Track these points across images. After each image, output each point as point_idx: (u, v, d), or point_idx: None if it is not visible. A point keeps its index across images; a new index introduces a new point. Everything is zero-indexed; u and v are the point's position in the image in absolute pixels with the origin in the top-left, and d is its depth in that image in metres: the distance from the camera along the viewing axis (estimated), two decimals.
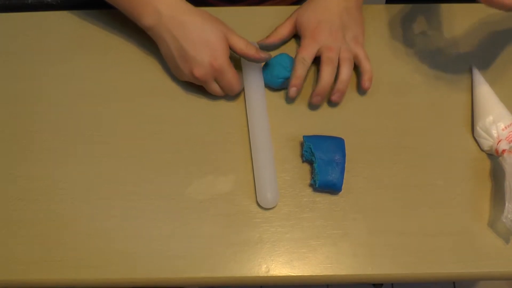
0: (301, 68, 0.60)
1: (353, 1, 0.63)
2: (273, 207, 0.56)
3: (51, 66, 0.65)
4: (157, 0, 0.57)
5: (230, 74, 0.58)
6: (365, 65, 0.62)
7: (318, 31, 0.60)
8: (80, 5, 0.70)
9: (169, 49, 0.58)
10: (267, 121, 0.60)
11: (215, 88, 0.60)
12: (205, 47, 0.56)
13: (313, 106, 0.62)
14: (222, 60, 0.57)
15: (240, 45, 0.58)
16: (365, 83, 0.62)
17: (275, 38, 0.65)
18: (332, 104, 0.62)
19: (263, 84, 0.62)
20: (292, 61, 0.62)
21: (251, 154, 0.59)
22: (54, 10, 0.70)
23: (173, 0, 0.57)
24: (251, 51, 0.58)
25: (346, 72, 0.60)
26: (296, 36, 0.66)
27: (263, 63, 0.63)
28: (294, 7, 0.67)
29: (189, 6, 0.58)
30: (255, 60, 0.59)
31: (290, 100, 0.62)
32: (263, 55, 0.59)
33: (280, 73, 0.61)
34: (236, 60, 0.63)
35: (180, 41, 0.56)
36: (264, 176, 0.56)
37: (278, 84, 0.62)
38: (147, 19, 0.58)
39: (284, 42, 0.66)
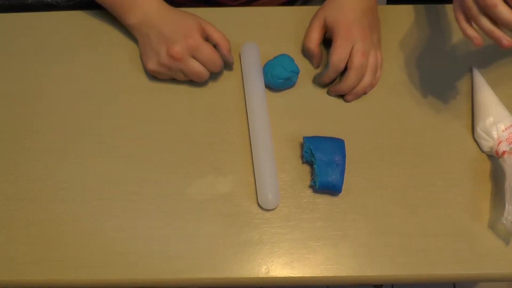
0: (335, 71, 0.60)
1: (374, 1, 0.63)
2: (274, 208, 0.56)
3: (51, 66, 0.65)
4: (143, 2, 0.61)
5: (207, 48, 0.59)
6: (378, 73, 0.64)
7: (351, 30, 0.60)
8: (80, 5, 0.70)
9: (149, 38, 0.60)
10: (268, 121, 0.60)
11: (195, 65, 0.59)
12: (180, 27, 0.59)
13: (313, 107, 0.62)
14: (197, 37, 0.59)
15: (216, 35, 0.61)
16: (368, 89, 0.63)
17: (316, 47, 0.64)
18: (332, 104, 0.62)
19: (264, 85, 0.62)
20: (293, 61, 0.62)
21: (251, 154, 0.59)
22: (54, 10, 0.70)
23: (155, 2, 0.61)
24: (226, 44, 0.61)
25: (368, 79, 0.62)
26: (296, 37, 0.66)
27: (264, 66, 0.63)
28: (290, 7, 0.67)
29: (171, 7, 0.62)
30: (224, 56, 0.61)
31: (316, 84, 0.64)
32: (230, 57, 0.62)
33: (281, 73, 0.61)
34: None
35: (158, 27, 0.60)
36: (265, 177, 0.56)
37: (278, 85, 0.62)
38: (132, 18, 0.62)
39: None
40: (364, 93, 0.63)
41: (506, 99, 0.61)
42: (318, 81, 0.63)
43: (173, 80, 0.63)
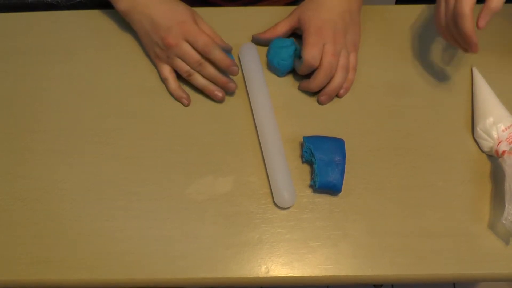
0: (309, 70, 0.61)
1: (355, 4, 0.63)
2: (290, 207, 0.56)
3: (52, 66, 0.65)
4: None
5: (199, 31, 0.58)
6: (350, 75, 0.63)
7: (322, 30, 0.60)
8: (80, 5, 0.70)
9: (142, 26, 0.61)
10: (275, 121, 0.60)
11: (187, 48, 0.58)
12: (174, 15, 0.59)
13: (313, 107, 0.62)
14: (190, 23, 0.59)
15: (208, 30, 0.62)
16: (341, 91, 0.63)
17: (271, 34, 0.65)
18: (332, 104, 0.62)
19: (266, 85, 0.62)
20: (284, 40, 0.63)
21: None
22: (54, 10, 0.70)
23: None
24: (217, 37, 0.62)
25: (339, 80, 0.61)
26: (296, 36, 0.67)
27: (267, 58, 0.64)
28: (290, 7, 0.67)
29: None
30: (220, 46, 0.60)
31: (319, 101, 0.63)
32: (227, 45, 0.62)
33: (288, 52, 0.62)
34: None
35: (152, 16, 0.59)
36: (279, 176, 0.56)
37: (287, 67, 0.63)
38: (122, 3, 0.61)
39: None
40: (338, 96, 0.63)
41: (506, 99, 0.61)
42: (302, 85, 0.63)
43: None
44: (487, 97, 0.61)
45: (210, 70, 0.60)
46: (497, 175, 0.58)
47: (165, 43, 0.58)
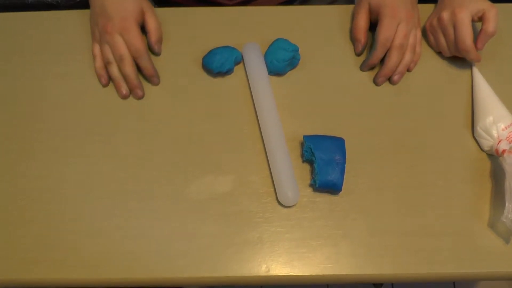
0: (383, 50, 0.62)
1: None
2: (293, 205, 0.56)
3: (52, 66, 0.65)
4: None
5: (134, 33, 0.61)
6: (418, 49, 0.65)
7: (397, 10, 0.62)
8: (80, 5, 0.70)
9: (94, 6, 0.64)
10: (279, 119, 0.60)
11: (119, 43, 0.61)
12: (120, 8, 0.61)
13: (313, 106, 0.62)
14: (130, 21, 0.61)
15: (151, 23, 0.64)
16: (411, 65, 0.65)
17: (363, 35, 0.65)
18: (332, 104, 0.62)
19: (270, 83, 0.62)
20: (289, 41, 0.63)
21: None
22: (54, 10, 0.70)
23: None
24: (155, 34, 0.64)
25: (408, 59, 0.64)
26: (296, 36, 0.66)
27: (264, 58, 0.64)
28: (290, 7, 0.67)
29: None
30: (151, 45, 0.64)
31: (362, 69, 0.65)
32: (156, 47, 0.65)
33: (284, 55, 0.62)
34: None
35: (103, 1, 0.62)
36: (283, 175, 0.56)
37: (285, 68, 0.63)
38: None
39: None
40: (408, 70, 0.65)
41: (506, 98, 0.61)
42: (367, 64, 0.64)
43: (175, 79, 0.64)
44: (487, 96, 0.61)
45: (127, 68, 0.61)
46: (497, 174, 0.58)
47: (102, 28, 0.61)
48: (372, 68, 0.65)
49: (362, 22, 0.65)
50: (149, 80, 0.63)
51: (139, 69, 0.63)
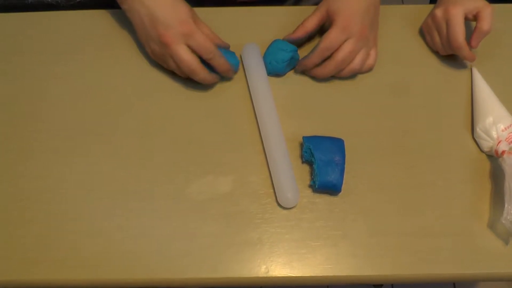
0: (320, 58, 0.61)
1: None
2: (293, 207, 0.56)
3: (51, 66, 0.65)
4: None
5: (201, 35, 0.57)
6: (365, 69, 0.64)
7: (351, 22, 0.59)
8: (80, 5, 0.70)
9: (140, 18, 0.58)
10: (278, 120, 0.60)
11: (183, 53, 0.57)
12: (174, 12, 0.56)
13: (312, 107, 0.62)
14: (190, 23, 0.56)
15: (207, 30, 0.61)
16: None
17: (301, 32, 0.64)
18: (332, 104, 0.62)
19: (269, 84, 0.62)
20: (287, 42, 0.63)
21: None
22: (54, 10, 0.70)
23: None
24: (216, 37, 0.62)
25: (344, 74, 0.62)
26: (288, 27, 0.66)
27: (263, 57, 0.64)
28: (290, 7, 0.66)
29: None
30: (218, 45, 0.61)
31: (296, 71, 0.65)
32: (225, 43, 0.63)
33: (283, 56, 0.62)
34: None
35: (151, 8, 0.57)
36: (283, 176, 0.56)
37: (283, 69, 0.63)
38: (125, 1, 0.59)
39: (309, 36, 0.65)
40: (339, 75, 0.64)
41: (506, 98, 0.61)
42: (300, 66, 0.63)
43: (174, 79, 0.64)
44: (486, 97, 0.61)
45: (199, 76, 0.59)
46: (496, 175, 0.58)
47: (161, 40, 0.56)
48: (303, 71, 0.64)
49: (309, 24, 0.63)
50: (227, 75, 0.61)
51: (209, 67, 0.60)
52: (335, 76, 0.64)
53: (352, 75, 0.64)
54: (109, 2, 0.63)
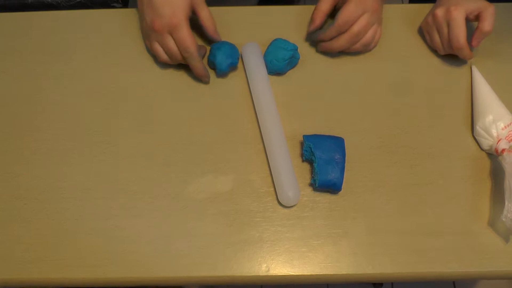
0: (337, 31, 0.61)
1: None
2: (294, 205, 0.56)
3: (52, 66, 0.65)
4: None
5: (185, 31, 0.59)
6: (371, 47, 0.66)
7: None
8: (80, 5, 0.70)
9: (141, 1, 0.61)
10: (279, 119, 0.60)
11: (170, 44, 0.60)
12: (170, 4, 0.58)
13: (313, 105, 0.62)
14: (180, 16, 0.58)
15: (203, 14, 0.62)
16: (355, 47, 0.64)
17: (319, 17, 0.64)
18: (332, 103, 0.63)
19: (269, 83, 0.62)
20: (287, 41, 0.63)
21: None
22: (54, 10, 0.70)
23: None
24: (210, 24, 0.63)
25: (357, 47, 0.64)
26: (296, 36, 0.67)
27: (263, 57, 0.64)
28: (289, 7, 0.66)
29: None
30: (210, 35, 0.63)
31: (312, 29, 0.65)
32: (216, 35, 0.64)
33: (284, 55, 0.62)
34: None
35: None
36: (283, 175, 0.56)
37: (285, 67, 0.63)
38: None
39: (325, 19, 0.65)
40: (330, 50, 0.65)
41: (506, 97, 0.61)
42: (318, 37, 0.64)
43: (174, 79, 0.64)
44: (486, 95, 0.61)
45: (180, 61, 0.61)
46: (496, 173, 0.58)
47: (150, 24, 0.59)
48: (316, 28, 0.64)
49: (325, 5, 0.64)
50: (200, 79, 0.63)
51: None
52: (345, 52, 0.65)
53: (358, 54, 0.65)
54: (109, 2, 0.63)
